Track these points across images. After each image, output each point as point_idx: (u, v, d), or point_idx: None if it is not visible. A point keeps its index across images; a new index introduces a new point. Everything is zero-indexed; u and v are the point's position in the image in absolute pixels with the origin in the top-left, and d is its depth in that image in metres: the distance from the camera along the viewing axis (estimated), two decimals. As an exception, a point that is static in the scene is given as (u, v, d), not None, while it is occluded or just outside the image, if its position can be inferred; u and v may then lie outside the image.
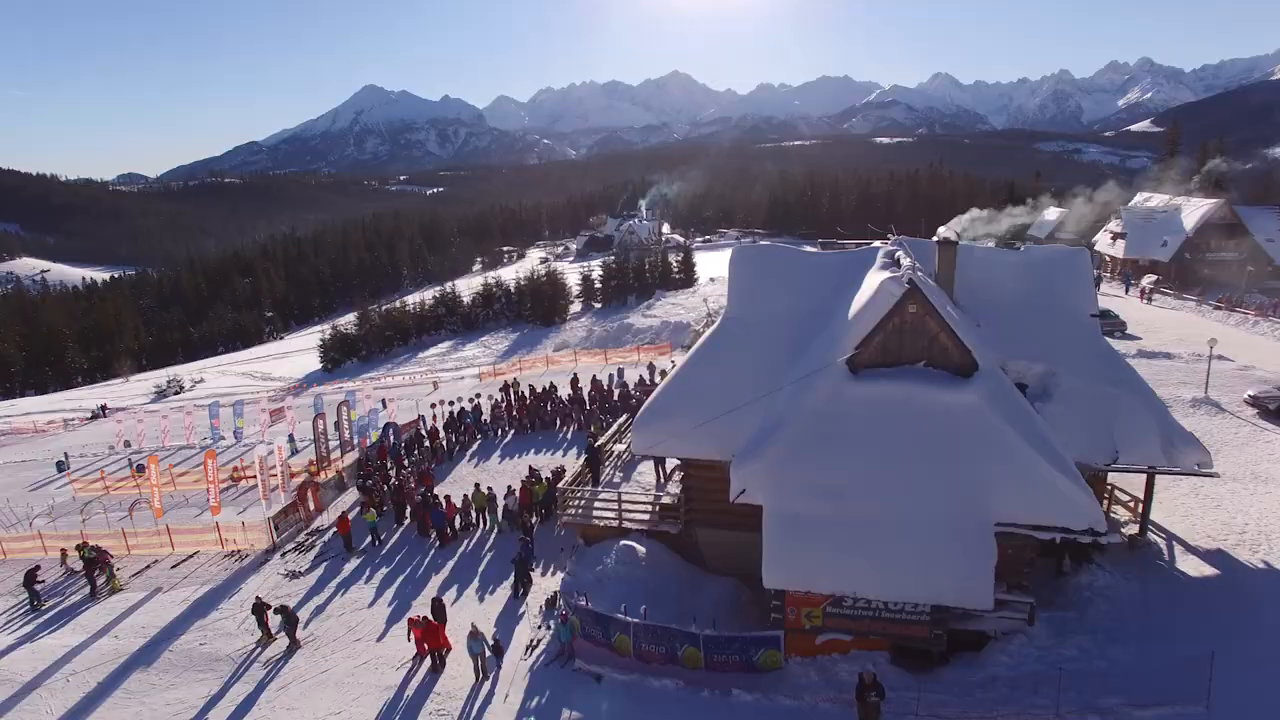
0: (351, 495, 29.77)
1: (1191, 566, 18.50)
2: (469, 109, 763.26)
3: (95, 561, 24.57)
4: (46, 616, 23.52)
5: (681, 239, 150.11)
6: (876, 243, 21.33)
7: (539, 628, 19.13)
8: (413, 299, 78.97)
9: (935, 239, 20.63)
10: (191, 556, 26.27)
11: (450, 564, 23.54)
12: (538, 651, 18.14)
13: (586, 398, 36.15)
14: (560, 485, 22.83)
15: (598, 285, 79.78)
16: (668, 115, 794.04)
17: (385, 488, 28.08)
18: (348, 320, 75.29)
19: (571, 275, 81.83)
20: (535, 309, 71.64)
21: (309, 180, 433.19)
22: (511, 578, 21.67)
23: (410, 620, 18.41)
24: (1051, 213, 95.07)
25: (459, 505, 25.43)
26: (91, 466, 40.42)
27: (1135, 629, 16.05)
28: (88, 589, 24.48)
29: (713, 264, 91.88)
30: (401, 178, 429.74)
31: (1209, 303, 52.62)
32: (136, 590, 24.42)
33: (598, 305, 78.82)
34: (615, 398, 35.79)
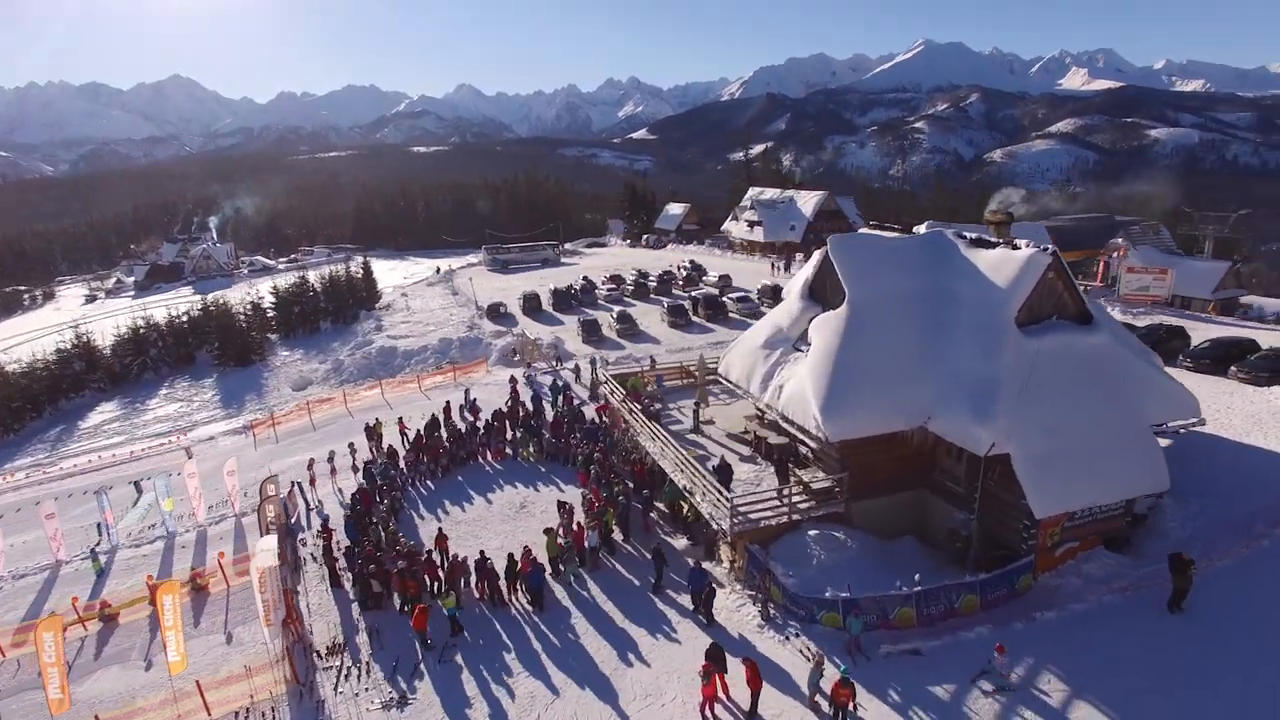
0: (316, 597, 22.99)
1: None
2: None
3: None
4: None
5: (268, 261, 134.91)
6: (919, 228, 24.45)
7: (787, 639, 18.31)
8: (24, 353, 57.66)
9: (988, 218, 24.66)
10: (165, 744, 17.90)
11: (580, 624, 20.42)
12: (822, 662, 17.43)
13: (493, 422, 32.81)
14: (733, 497, 21.29)
15: (270, 313, 68.85)
16: (174, 125, 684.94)
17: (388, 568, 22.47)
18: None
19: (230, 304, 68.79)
20: (226, 348, 58.63)
21: None
22: (687, 609, 20.28)
23: (706, 667, 16.12)
24: (675, 208, 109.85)
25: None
26: None
27: (1207, 488, 21.89)
28: None
29: (391, 279, 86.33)
30: None
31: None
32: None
33: (274, 336, 68.12)
34: (532, 416, 33.21)
